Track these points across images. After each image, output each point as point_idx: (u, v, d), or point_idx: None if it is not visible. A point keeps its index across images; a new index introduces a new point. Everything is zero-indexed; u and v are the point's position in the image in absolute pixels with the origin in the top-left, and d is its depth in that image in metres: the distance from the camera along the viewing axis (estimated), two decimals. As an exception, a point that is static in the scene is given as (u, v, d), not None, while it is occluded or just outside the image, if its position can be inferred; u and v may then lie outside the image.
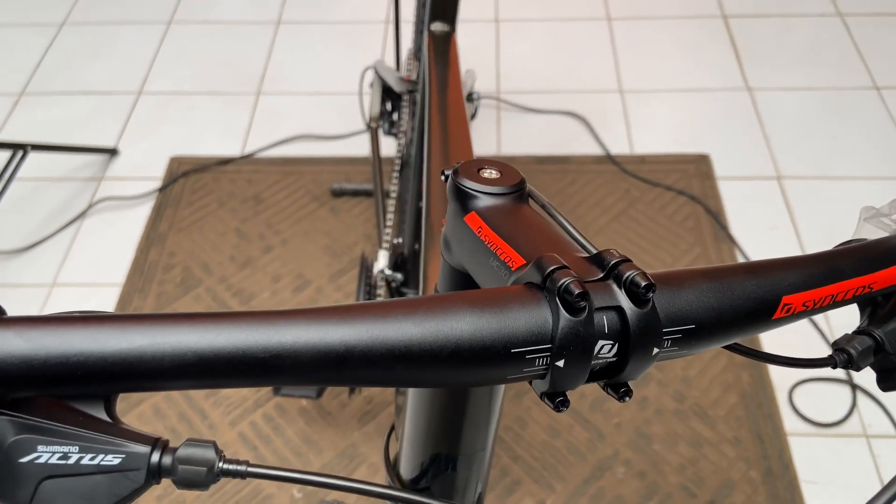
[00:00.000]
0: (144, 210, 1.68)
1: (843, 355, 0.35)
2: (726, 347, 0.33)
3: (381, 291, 1.10)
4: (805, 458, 1.26)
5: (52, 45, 2.08)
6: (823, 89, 1.85)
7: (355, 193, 1.69)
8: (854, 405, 1.32)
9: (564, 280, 0.26)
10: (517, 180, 0.34)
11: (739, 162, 1.71)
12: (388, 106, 1.39)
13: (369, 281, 1.11)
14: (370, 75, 1.46)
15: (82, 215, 1.67)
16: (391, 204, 1.20)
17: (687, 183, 1.68)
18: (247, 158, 1.78)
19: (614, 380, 0.29)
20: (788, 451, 1.27)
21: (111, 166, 1.77)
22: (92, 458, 0.24)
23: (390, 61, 1.84)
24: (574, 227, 0.34)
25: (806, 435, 1.29)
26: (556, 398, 0.28)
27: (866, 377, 1.35)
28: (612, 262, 0.28)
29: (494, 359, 0.26)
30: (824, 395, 1.33)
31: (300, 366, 0.24)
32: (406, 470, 0.46)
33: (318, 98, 1.92)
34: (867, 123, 1.77)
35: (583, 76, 1.94)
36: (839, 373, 1.35)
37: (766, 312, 0.31)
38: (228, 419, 1.34)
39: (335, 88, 1.92)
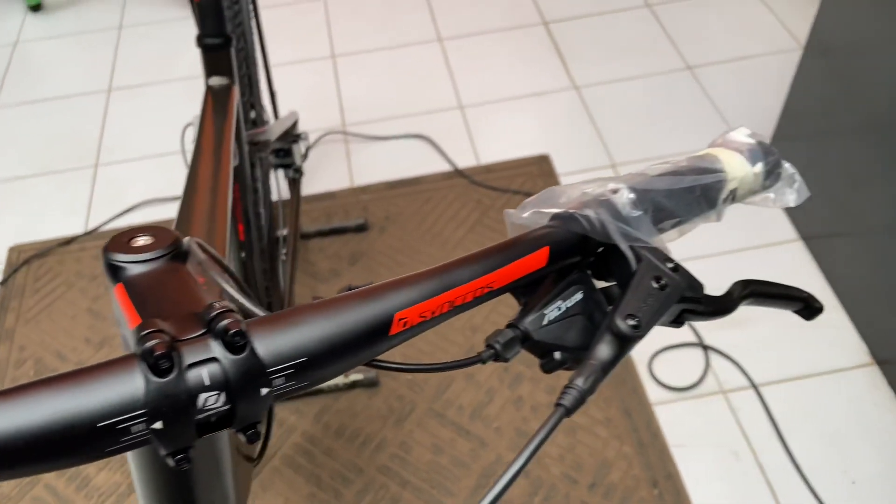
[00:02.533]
0: (-15, 307, 1.59)
1: (491, 350, 0.37)
2: (369, 365, 0.34)
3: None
4: (671, 424, 1.33)
5: None
6: (642, 77, 1.98)
7: (210, 250, 1.66)
8: (707, 365, 1.40)
9: (149, 344, 0.27)
10: (167, 243, 0.35)
11: (576, 157, 1.80)
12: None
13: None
14: (192, 132, 1.44)
15: (-85, 325, 1.56)
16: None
17: (532, 184, 1.75)
18: (91, 234, 1.71)
19: (235, 425, 0.30)
20: (655, 421, 1.33)
21: (-58, 267, 1.66)
22: None
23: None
24: (233, 279, 0.35)
25: (668, 402, 1.36)
26: (177, 456, 0.29)
27: (715, 336, 1.44)
28: (212, 316, 0.29)
29: (81, 437, 0.26)
30: (680, 361, 1.42)
31: None
32: None
33: (160, 160, 1.88)
34: (684, 102, 1.91)
35: (424, 98, 1.99)
36: (691, 337, 1.44)
37: (381, 331, 0.33)
38: (101, 509, 1.27)
39: (177, 147, 1.88)
